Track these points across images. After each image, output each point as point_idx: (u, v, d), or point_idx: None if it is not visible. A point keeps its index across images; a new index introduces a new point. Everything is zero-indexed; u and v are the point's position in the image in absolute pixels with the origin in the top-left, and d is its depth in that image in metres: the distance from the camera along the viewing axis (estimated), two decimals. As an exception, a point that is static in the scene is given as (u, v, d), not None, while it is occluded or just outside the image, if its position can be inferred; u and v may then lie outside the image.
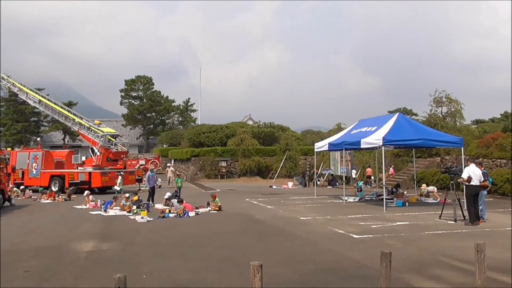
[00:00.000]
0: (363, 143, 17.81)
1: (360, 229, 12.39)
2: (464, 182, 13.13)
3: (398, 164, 32.23)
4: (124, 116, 65.83)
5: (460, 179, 13.46)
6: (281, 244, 10.50)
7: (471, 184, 12.98)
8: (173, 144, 52.79)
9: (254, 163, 36.32)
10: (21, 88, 29.66)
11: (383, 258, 5.15)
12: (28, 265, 8.63)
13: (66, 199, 21.83)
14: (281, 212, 16.55)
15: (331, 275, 7.69)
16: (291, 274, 7.73)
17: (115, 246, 10.54)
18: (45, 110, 30.39)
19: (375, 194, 21.53)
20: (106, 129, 27.60)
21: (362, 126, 20.29)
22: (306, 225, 13.29)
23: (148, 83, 66.47)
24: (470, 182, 12.96)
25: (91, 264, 8.69)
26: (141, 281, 7.34)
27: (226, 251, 9.71)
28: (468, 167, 13.23)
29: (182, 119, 68.36)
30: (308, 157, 37.18)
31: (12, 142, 54.20)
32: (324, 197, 22.16)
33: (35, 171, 26.46)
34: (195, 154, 39.73)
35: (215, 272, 7.94)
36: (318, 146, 22.58)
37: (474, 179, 12.95)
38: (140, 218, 14.60)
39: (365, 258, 8.78)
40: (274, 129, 46.20)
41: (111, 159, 26.65)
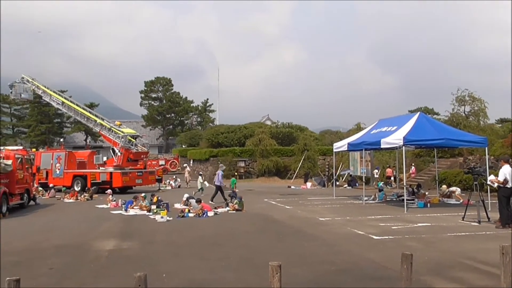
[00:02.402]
0: (383, 143, 17.63)
1: (380, 230, 12.27)
2: (500, 184, 12.71)
3: (420, 164, 31.80)
4: (144, 117, 66.55)
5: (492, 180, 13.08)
6: (299, 244, 10.48)
7: (505, 186, 12.56)
8: (192, 145, 53.13)
9: (273, 163, 36.30)
10: (45, 90, 30.23)
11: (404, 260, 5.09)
12: (51, 262, 8.81)
13: (88, 198, 22.17)
14: (299, 212, 16.51)
15: (350, 276, 7.64)
16: (309, 275, 7.71)
17: (136, 245, 10.66)
18: (68, 112, 30.91)
19: (395, 195, 21.29)
20: (127, 130, 27.92)
21: (382, 125, 20.09)
22: (325, 226, 13.22)
23: (168, 84, 67.07)
24: (506, 185, 12.53)
25: (112, 263, 8.81)
26: (160, 280, 7.41)
27: (244, 251, 9.74)
28: (503, 168, 12.74)
29: (201, 119, 68.78)
30: (327, 157, 37.00)
31: (36, 143, 55.27)
32: (343, 197, 22.02)
33: (59, 171, 26.93)
34: (213, 154, 39.89)
35: (233, 272, 7.97)
36: (337, 146, 22.44)
37: (510, 181, 12.49)
38: (160, 218, 14.74)
39: (385, 260, 8.69)
40: (292, 129, 46.11)
41: (131, 159, 26.94)
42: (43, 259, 9.17)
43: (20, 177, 18.37)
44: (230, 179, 26.05)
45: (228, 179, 36.51)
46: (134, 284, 4.50)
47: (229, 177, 37.12)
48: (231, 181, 20.22)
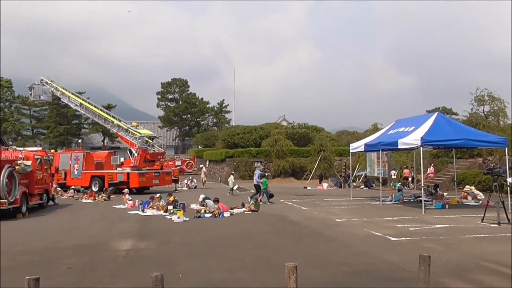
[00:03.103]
0: (401, 144, 17.47)
1: (398, 231, 12.15)
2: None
3: (438, 165, 31.41)
4: (160, 118, 67.04)
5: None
6: (315, 245, 10.44)
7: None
8: (208, 145, 53.32)
9: (289, 164, 36.20)
10: (64, 92, 30.66)
11: (422, 262, 5.04)
12: (70, 262, 8.93)
13: (106, 199, 22.41)
14: (316, 213, 16.44)
15: (367, 277, 7.58)
16: (326, 276, 7.67)
17: (152, 245, 10.74)
18: (85, 113, 31.26)
19: (413, 196, 21.07)
20: (144, 130, 28.12)
21: (399, 126, 19.90)
22: (342, 227, 13.14)
23: (184, 85, 67.47)
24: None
25: (129, 262, 8.89)
26: (177, 280, 7.45)
27: (260, 252, 9.73)
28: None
29: (217, 120, 69.03)
30: (343, 158, 36.77)
31: (55, 144, 56.07)
32: (360, 198, 21.87)
33: (77, 171, 27.26)
34: (229, 155, 39.97)
35: (249, 272, 7.97)
36: (353, 147, 22.30)
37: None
38: (176, 218, 14.84)
39: (402, 261, 8.61)
40: (308, 129, 45.93)
41: (148, 160, 27.14)
42: (62, 258, 9.29)
43: (39, 177, 18.66)
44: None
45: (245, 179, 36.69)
46: (151, 284, 4.54)
47: (245, 177, 37.26)
48: (263, 181, 20.30)
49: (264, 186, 20.34)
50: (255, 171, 21.37)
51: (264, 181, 20.49)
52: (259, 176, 20.71)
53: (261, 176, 20.84)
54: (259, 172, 21.03)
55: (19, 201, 16.19)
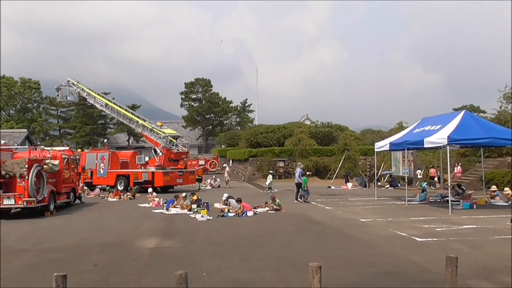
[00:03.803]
0: (427, 143, 17.18)
1: (424, 232, 11.95)
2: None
3: (465, 164, 30.77)
4: (184, 117, 67.61)
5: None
6: (340, 245, 10.36)
7: None
8: (231, 145, 53.50)
9: (312, 163, 36.01)
10: (90, 92, 31.20)
11: (449, 263, 4.94)
12: (96, 259, 9.08)
13: (131, 197, 22.71)
14: (340, 213, 16.31)
15: (392, 278, 7.48)
16: (350, 277, 7.60)
17: (177, 243, 10.84)
18: (111, 113, 31.74)
19: (439, 196, 20.70)
20: (168, 130, 28.39)
21: (425, 124, 19.57)
22: (366, 227, 13.00)
23: (207, 85, 67.87)
24: None
25: (154, 261, 8.99)
26: (201, 278, 7.50)
27: (284, 251, 9.71)
28: None
29: (240, 119, 69.24)
30: (368, 157, 36.38)
31: (81, 143, 57.16)
32: (385, 198, 21.60)
33: (103, 171, 27.70)
34: (252, 154, 40.01)
35: (273, 272, 7.96)
36: (378, 146, 22.04)
37: None
38: (200, 217, 14.93)
39: (428, 262, 8.46)
40: (332, 128, 45.63)
41: (172, 159, 27.38)
42: (88, 256, 9.46)
43: (67, 176, 19.03)
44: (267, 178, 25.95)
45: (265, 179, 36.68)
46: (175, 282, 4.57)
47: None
48: (302, 180, 20.41)
49: (303, 184, 20.48)
50: (296, 169, 21.39)
51: (304, 179, 20.62)
52: (300, 174, 20.74)
53: (301, 174, 20.83)
54: (300, 170, 21.01)
55: (47, 200, 16.55)
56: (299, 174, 20.74)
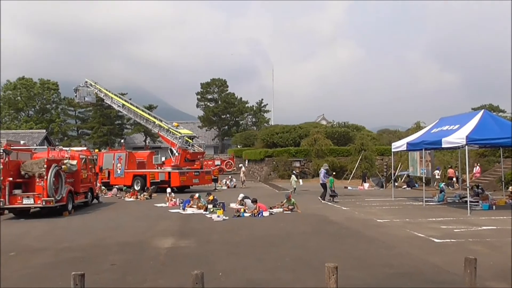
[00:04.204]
0: (445, 143, 16.97)
1: (442, 233, 11.80)
2: None
3: (484, 164, 30.31)
4: (200, 118, 67.84)
5: None
6: (356, 246, 10.28)
7: None
8: (247, 145, 53.53)
9: (328, 163, 35.71)
10: (107, 93, 31.51)
11: (468, 264, 4.87)
12: (113, 259, 9.17)
13: (148, 197, 22.87)
14: (356, 214, 16.20)
15: (410, 280, 7.40)
16: (367, 277, 7.54)
17: (193, 243, 10.88)
18: (128, 114, 32.04)
19: (458, 196, 20.42)
20: (184, 130, 28.53)
21: (443, 124, 19.33)
22: (383, 228, 12.89)
23: (223, 85, 68.01)
24: None
25: (170, 260, 9.04)
26: (217, 278, 7.51)
27: (299, 252, 9.68)
28: None
29: (256, 120, 69.20)
30: (385, 158, 36.08)
31: (99, 144, 57.75)
32: (402, 199, 21.39)
33: (120, 171, 27.97)
34: (268, 154, 39.98)
35: (289, 272, 7.94)
36: (395, 146, 21.84)
37: None
38: (216, 217, 14.98)
39: (446, 264, 8.35)
40: (349, 128, 45.35)
41: (188, 159, 27.51)
42: (106, 255, 9.56)
43: (84, 176, 19.25)
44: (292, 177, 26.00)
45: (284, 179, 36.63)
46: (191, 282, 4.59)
47: (284, 177, 37.20)
48: (329, 180, 20.54)
49: (331, 185, 20.67)
50: (321, 170, 21.55)
51: (330, 180, 20.84)
52: (324, 175, 20.90)
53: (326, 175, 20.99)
54: (324, 171, 21.15)
55: (65, 199, 16.76)
56: (323, 175, 20.89)
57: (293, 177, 25.33)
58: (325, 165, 22.24)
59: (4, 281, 7.70)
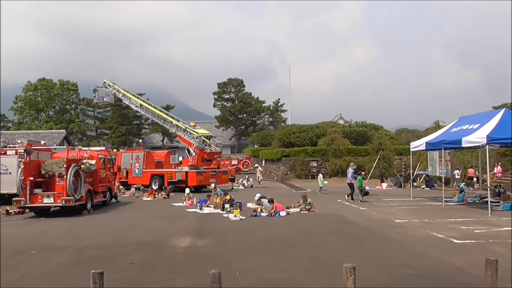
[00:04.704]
0: (465, 142, 16.71)
1: (462, 233, 11.62)
2: None
3: (505, 164, 29.73)
4: (217, 117, 68.12)
5: None
6: (374, 246, 10.19)
7: None
8: (264, 145, 53.52)
9: (346, 163, 35.56)
10: (125, 93, 31.84)
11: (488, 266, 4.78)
12: (131, 257, 9.25)
13: (165, 197, 23.03)
14: (374, 214, 16.06)
15: (429, 281, 7.30)
16: (385, 278, 7.46)
17: (210, 243, 10.92)
18: (145, 114, 32.31)
19: (478, 197, 20.09)
20: (201, 130, 28.64)
21: (463, 123, 19.03)
22: (401, 228, 12.75)
23: (240, 85, 68.16)
24: None
25: (188, 259, 9.08)
26: (234, 278, 7.51)
27: (317, 252, 9.63)
28: None
29: (273, 119, 69.19)
30: (403, 157, 35.70)
31: (117, 143, 58.41)
32: (421, 199, 21.13)
33: (138, 170, 28.23)
34: (285, 154, 39.92)
35: (306, 273, 7.90)
36: (414, 146, 21.59)
37: None
38: (233, 216, 15.00)
39: (466, 265, 8.22)
40: (366, 128, 45.00)
41: (205, 159, 27.60)
42: (124, 254, 9.65)
43: (103, 176, 19.46)
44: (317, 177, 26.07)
45: (301, 179, 36.54)
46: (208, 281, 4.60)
47: (301, 177, 37.10)
48: (357, 180, 20.67)
49: (360, 184, 20.81)
50: (348, 170, 21.67)
51: (359, 179, 21.01)
52: (352, 175, 21.02)
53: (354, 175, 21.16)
54: (352, 170, 21.29)
55: (84, 199, 16.98)
56: (351, 175, 21.01)
57: (320, 176, 25.33)
58: (352, 165, 22.30)
59: (26, 279, 7.84)
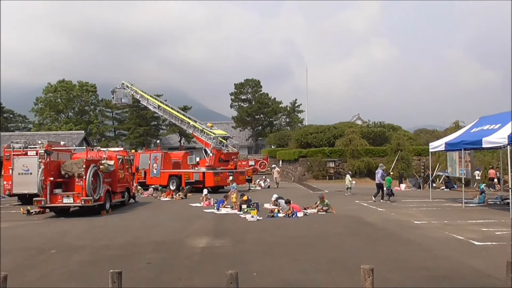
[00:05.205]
0: (485, 142, 16.44)
1: (482, 235, 11.43)
2: None
3: (527, 165, 29.15)
4: (234, 118, 68.26)
5: None
6: (392, 248, 10.08)
7: None
8: (281, 145, 53.43)
9: (364, 163, 35.38)
10: (143, 95, 32.13)
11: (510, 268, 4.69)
12: (149, 257, 9.32)
13: (183, 197, 23.17)
14: (393, 215, 15.90)
15: (448, 283, 7.20)
16: (404, 280, 7.38)
17: (227, 243, 10.94)
18: (163, 115, 32.55)
19: (499, 198, 19.74)
20: (218, 131, 28.73)
21: (483, 123, 18.72)
22: (420, 230, 12.60)
23: (256, 86, 68.21)
24: None
25: (205, 260, 9.11)
26: (251, 278, 7.51)
27: (334, 253, 9.58)
28: None
29: (289, 120, 69.05)
30: (422, 158, 35.30)
31: (135, 144, 58.97)
32: (440, 200, 20.86)
33: (156, 171, 28.45)
34: (302, 154, 39.79)
35: (324, 274, 7.86)
36: (433, 146, 21.32)
37: None
38: (250, 217, 15.01)
39: (487, 267, 8.08)
40: (385, 128, 44.61)
41: (222, 159, 27.68)
42: (142, 254, 9.73)
43: (121, 176, 19.66)
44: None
45: (318, 179, 36.40)
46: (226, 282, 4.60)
47: (318, 177, 36.96)
48: (386, 180, 20.77)
49: (388, 185, 21.01)
50: (377, 170, 21.84)
51: (388, 179, 21.19)
52: (381, 175, 21.15)
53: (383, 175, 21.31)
54: (381, 171, 21.43)
55: (103, 199, 17.17)
56: (381, 175, 21.17)
57: (347, 177, 25.29)
58: (382, 165, 22.33)
59: (47, 277, 7.96)
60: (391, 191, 21.07)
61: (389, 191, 20.92)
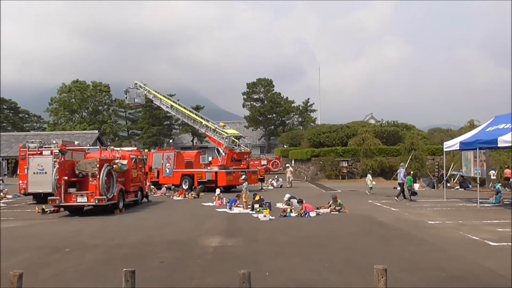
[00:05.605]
0: (501, 142, 16.23)
1: (498, 236, 11.28)
2: None
3: (543, 164, 28.69)
4: (246, 118, 68.31)
5: None
6: (406, 248, 9.99)
7: None
8: (293, 145, 53.32)
9: (377, 163, 35.13)
10: (156, 94, 32.30)
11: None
12: (162, 256, 9.37)
13: (196, 196, 23.23)
14: (406, 215, 15.76)
15: (463, 284, 7.12)
16: (417, 281, 7.31)
17: (239, 242, 10.94)
18: (176, 114, 32.69)
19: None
20: (230, 130, 28.74)
21: (499, 122, 18.47)
22: (434, 230, 12.47)
23: (269, 85, 68.17)
24: None
25: (218, 259, 9.13)
26: (264, 278, 7.50)
27: (347, 253, 9.53)
28: None
29: (302, 119, 68.88)
30: (436, 157, 34.95)
31: (148, 144, 59.35)
32: (454, 200, 20.64)
33: (168, 170, 28.56)
34: (315, 154, 39.67)
35: (336, 273, 7.82)
36: (447, 145, 21.10)
37: None
38: (262, 216, 14.99)
39: (503, 268, 7.96)
40: (398, 127, 44.26)
41: (235, 159, 27.68)
42: (155, 253, 9.78)
43: (135, 176, 19.75)
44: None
45: (331, 179, 36.25)
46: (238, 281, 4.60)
47: (331, 177, 36.80)
48: (407, 179, 20.85)
49: (409, 184, 21.26)
50: (399, 170, 22.20)
51: (409, 179, 21.39)
52: (404, 175, 21.35)
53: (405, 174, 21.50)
54: (403, 170, 21.72)
55: (116, 198, 17.26)
56: (403, 174, 21.34)
57: (368, 177, 25.22)
58: (403, 165, 22.58)
59: (61, 276, 8.04)
60: (411, 190, 21.32)
61: (410, 190, 21.12)
